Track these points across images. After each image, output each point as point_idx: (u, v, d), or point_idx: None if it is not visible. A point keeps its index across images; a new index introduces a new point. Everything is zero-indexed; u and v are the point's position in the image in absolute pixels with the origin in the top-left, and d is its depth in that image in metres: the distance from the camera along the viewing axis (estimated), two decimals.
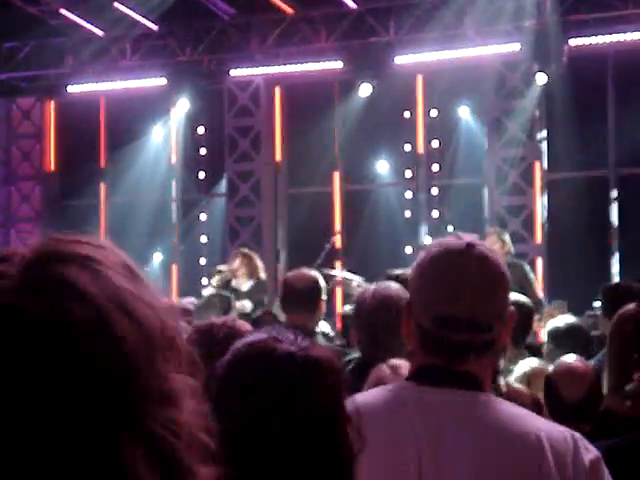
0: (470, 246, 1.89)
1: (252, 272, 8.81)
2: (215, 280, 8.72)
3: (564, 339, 4.97)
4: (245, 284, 8.76)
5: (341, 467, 1.49)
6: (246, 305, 8.22)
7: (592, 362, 4.23)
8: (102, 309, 0.82)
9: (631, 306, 3.63)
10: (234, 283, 8.71)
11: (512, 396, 3.32)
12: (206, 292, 8.47)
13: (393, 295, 3.30)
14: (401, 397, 1.89)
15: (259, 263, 8.96)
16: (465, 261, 1.88)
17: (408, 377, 1.95)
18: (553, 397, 3.46)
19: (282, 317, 5.14)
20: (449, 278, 1.87)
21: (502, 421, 1.82)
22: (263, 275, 8.94)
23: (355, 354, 3.77)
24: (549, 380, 3.51)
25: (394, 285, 3.39)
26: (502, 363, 3.84)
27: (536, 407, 3.46)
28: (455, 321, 1.85)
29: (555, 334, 5.10)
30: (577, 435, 1.83)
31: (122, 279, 0.87)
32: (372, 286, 3.47)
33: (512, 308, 1.95)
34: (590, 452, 1.80)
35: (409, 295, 1.97)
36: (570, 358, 3.61)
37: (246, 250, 9.30)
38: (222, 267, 9.01)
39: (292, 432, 1.49)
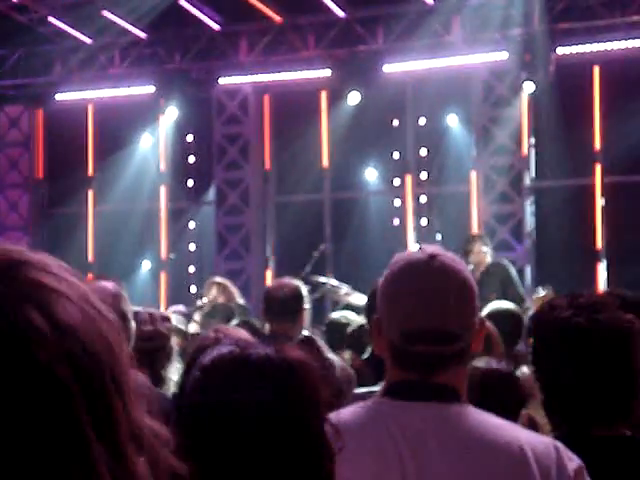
0: (432, 257, 1.88)
1: (229, 299, 8.82)
2: (198, 316, 8.66)
3: None
4: None
5: (321, 466, 1.49)
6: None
7: None
8: (87, 312, 0.84)
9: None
10: None
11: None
12: (191, 329, 8.37)
13: None
14: (379, 412, 1.88)
15: (234, 289, 8.98)
16: (428, 273, 1.86)
17: (383, 393, 1.93)
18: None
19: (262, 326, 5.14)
20: (413, 292, 1.86)
21: (484, 432, 1.81)
22: (241, 300, 8.95)
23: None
24: None
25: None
26: None
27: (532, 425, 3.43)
28: (423, 334, 1.84)
29: None
30: (560, 445, 1.82)
31: (82, 285, 0.89)
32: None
33: (481, 317, 1.95)
34: (573, 461, 1.80)
35: (378, 310, 1.94)
36: None
37: (218, 279, 9.30)
38: (200, 302, 9.00)
39: (273, 434, 1.48)
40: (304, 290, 4.42)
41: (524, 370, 4.41)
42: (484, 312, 4.88)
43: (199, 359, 1.60)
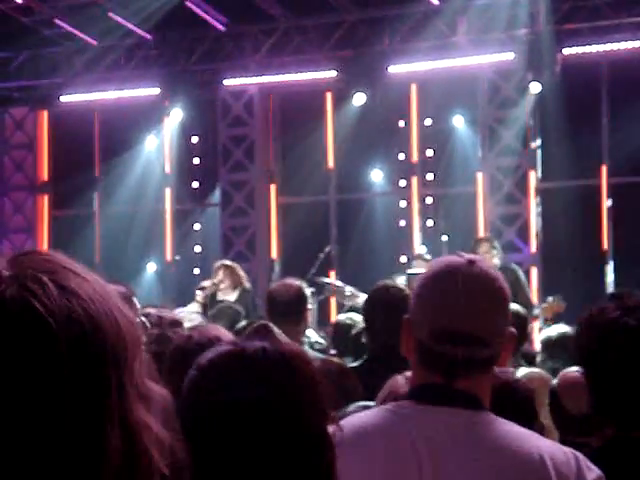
0: (471, 262, 1.91)
1: (236, 282, 8.81)
2: (200, 296, 8.70)
3: (557, 349, 4.95)
4: (231, 295, 8.74)
5: (320, 460, 1.48)
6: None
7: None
8: (87, 305, 0.88)
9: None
10: (220, 296, 8.69)
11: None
12: (190, 308, 8.42)
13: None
14: (401, 416, 1.88)
15: (242, 273, 8.98)
16: (466, 276, 1.89)
17: (407, 395, 1.94)
18: (558, 410, 3.44)
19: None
20: (449, 292, 1.88)
21: (504, 441, 1.82)
22: (247, 284, 8.94)
23: (352, 363, 3.77)
24: (553, 393, 3.48)
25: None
26: None
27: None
28: (454, 334, 1.85)
29: (547, 344, 5.08)
30: (579, 455, 1.83)
31: (96, 284, 0.94)
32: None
33: (513, 330, 1.95)
34: (592, 471, 1.81)
35: (410, 310, 1.95)
36: (573, 370, 3.53)
37: (227, 262, 9.31)
38: (205, 283, 9.00)
39: (270, 428, 1.47)
40: (307, 291, 4.40)
41: (532, 370, 4.42)
42: None
43: (197, 359, 1.58)
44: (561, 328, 5.36)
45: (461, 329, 1.85)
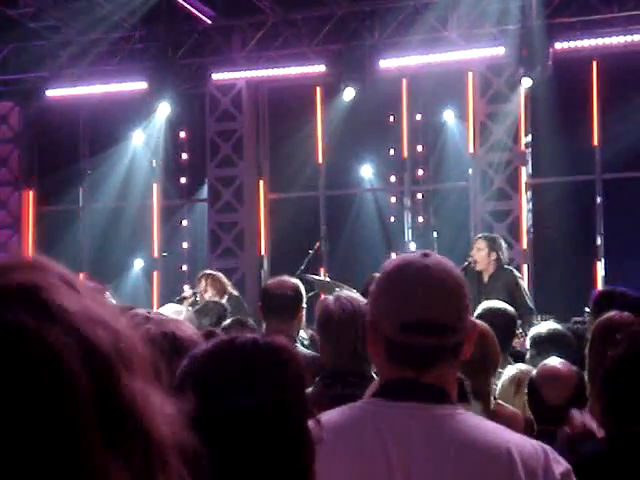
0: (425, 255, 1.94)
1: (221, 291, 8.65)
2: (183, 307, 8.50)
3: (546, 345, 4.95)
4: None
5: (302, 455, 1.49)
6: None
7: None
8: (73, 316, 0.83)
9: (611, 313, 3.59)
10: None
11: (501, 416, 3.26)
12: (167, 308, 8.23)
13: (363, 307, 3.23)
14: (369, 413, 1.89)
15: (225, 280, 8.81)
16: (422, 267, 1.91)
17: (375, 393, 1.94)
18: (536, 400, 3.45)
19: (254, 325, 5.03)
20: (408, 284, 1.89)
21: (472, 434, 1.83)
22: (234, 292, 8.78)
23: None
24: (532, 383, 3.50)
25: (359, 296, 3.31)
26: (494, 385, 3.79)
27: (529, 428, 3.39)
28: (421, 324, 1.86)
29: (537, 340, 5.06)
30: (547, 448, 1.85)
31: (82, 289, 0.89)
32: (335, 297, 3.35)
33: (474, 320, 1.99)
34: (561, 464, 1.82)
35: (371, 312, 1.95)
36: (553, 361, 3.61)
37: (210, 271, 9.15)
38: (185, 293, 8.85)
39: (259, 419, 1.47)
40: (302, 289, 4.31)
41: (520, 367, 4.46)
42: (476, 312, 4.79)
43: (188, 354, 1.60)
44: (550, 325, 5.38)
45: (428, 318, 1.86)
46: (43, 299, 0.82)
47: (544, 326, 5.27)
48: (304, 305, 4.29)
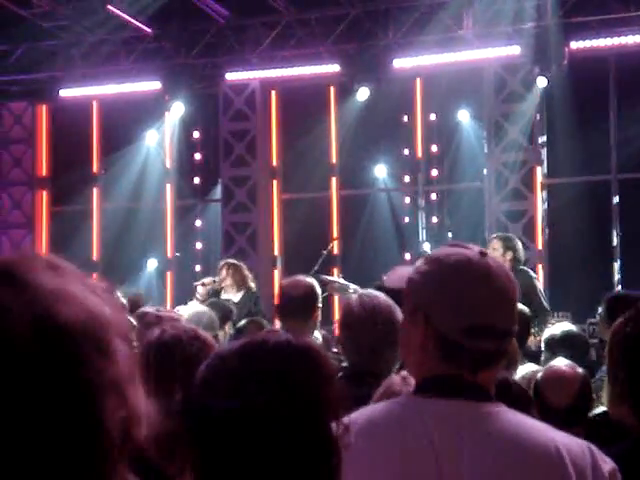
0: (483, 254, 1.92)
1: (240, 283, 8.58)
2: (200, 293, 8.48)
3: (560, 347, 4.96)
4: (235, 295, 8.52)
5: (330, 458, 1.46)
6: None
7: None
8: (44, 296, 0.86)
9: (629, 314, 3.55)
10: (223, 295, 8.48)
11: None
12: (191, 306, 8.22)
13: (382, 305, 3.23)
14: (415, 410, 1.86)
15: (247, 273, 8.73)
16: (486, 269, 1.89)
17: (417, 388, 1.91)
18: (542, 402, 3.42)
19: (269, 325, 5.00)
20: (475, 286, 1.87)
21: (521, 432, 1.82)
22: (253, 285, 8.71)
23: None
24: (537, 385, 3.50)
25: (381, 295, 3.26)
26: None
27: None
28: (490, 330, 1.86)
29: (551, 342, 5.09)
30: (593, 447, 1.84)
31: (68, 275, 0.91)
32: (357, 295, 3.33)
33: None
34: (607, 463, 1.81)
35: (424, 304, 1.90)
36: (559, 363, 3.61)
37: (233, 260, 9.06)
38: (206, 280, 8.79)
39: (291, 420, 1.45)
40: (318, 289, 4.27)
41: (531, 367, 4.48)
42: None
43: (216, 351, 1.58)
44: (565, 326, 5.40)
45: (493, 323, 1.85)
46: (17, 275, 0.87)
47: (557, 328, 5.28)
48: (320, 305, 4.26)
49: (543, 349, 5.24)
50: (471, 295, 1.85)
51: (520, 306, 5.09)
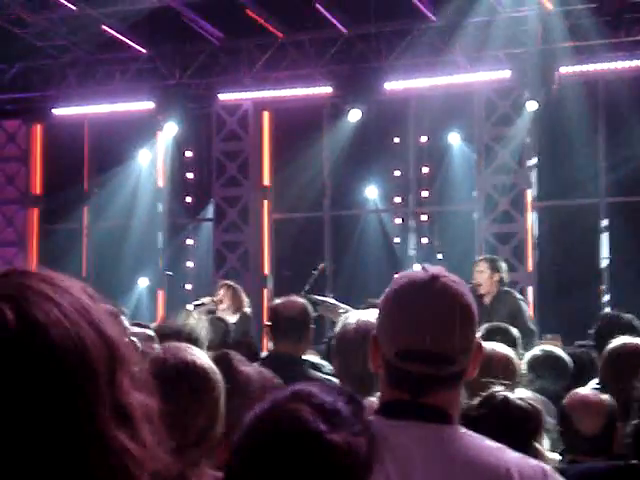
0: (434, 278, 1.88)
1: (237, 305, 8.59)
2: (196, 313, 8.47)
3: (542, 368, 4.93)
4: (231, 318, 8.52)
5: None
6: None
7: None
8: (69, 316, 0.87)
9: (621, 340, 3.60)
10: (220, 315, 8.49)
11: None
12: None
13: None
14: None
15: (244, 296, 8.74)
16: (428, 293, 1.86)
17: (376, 412, 1.90)
18: (569, 430, 3.37)
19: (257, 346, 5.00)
20: (412, 311, 1.86)
21: (472, 455, 1.81)
22: (248, 310, 8.73)
23: None
24: (564, 413, 3.42)
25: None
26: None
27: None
28: (419, 354, 1.84)
29: (533, 363, 5.05)
30: (548, 469, 1.83)
31: (82, 295, 0.92)
32: (354, 317, 3.33)
33: (479, 341, 1.93)
34: None
35: (376, 328, 1.94)
36: (584, 390, 3.55)
37: (231, 282, 9.07)
38: (204, 299, 8.80)
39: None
40: (311, 309, 4.30)
41: (524, 393, 4.41)
42: (479, 332, 4.77)
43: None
44: (545, 347, 5.35)
45: (425, 348, 1.83)
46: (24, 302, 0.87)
47: (539, 349, 5.26)
48: (312, 326, 4.28)
49: (526, 370, 5.27)
50: (405, 319, 1.85)
51: (507, 326, 5.12)
